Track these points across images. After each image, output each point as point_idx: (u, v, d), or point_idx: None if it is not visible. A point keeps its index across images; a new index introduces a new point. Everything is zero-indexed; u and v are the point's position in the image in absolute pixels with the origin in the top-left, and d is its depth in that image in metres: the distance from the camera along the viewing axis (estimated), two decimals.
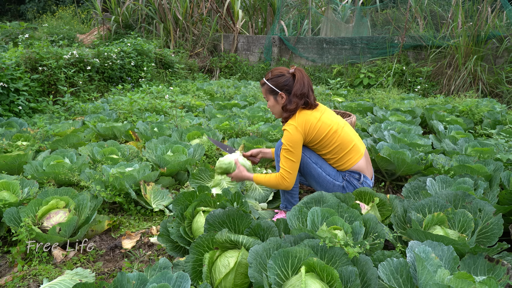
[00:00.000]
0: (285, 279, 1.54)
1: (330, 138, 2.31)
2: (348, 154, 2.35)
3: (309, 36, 9.26)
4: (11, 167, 2.98)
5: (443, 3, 8.08)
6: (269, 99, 2.41)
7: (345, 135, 2.35)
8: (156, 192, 2.76)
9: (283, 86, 2.33)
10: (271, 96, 2.38)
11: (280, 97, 2.36)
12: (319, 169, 2.37)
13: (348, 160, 2.35)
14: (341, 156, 2.35)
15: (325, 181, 2.37)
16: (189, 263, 1.75)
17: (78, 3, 19.10)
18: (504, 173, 2.60)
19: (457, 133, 3.86)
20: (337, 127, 2.34)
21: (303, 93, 2.30)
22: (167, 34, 10.57)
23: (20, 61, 5.41)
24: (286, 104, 2.35)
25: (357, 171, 2.38)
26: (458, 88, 6.57)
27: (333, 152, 2.35)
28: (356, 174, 2.37)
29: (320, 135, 2.31)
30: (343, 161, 2.36)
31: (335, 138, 2.32)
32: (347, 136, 2.36)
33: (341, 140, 2.33)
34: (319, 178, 2.38)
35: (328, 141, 2.32)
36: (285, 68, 2.39)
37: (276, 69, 2.40)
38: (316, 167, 2.37)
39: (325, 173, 2.37)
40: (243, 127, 4.10)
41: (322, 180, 2.38)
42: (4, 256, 2.17)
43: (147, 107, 5.00)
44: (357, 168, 2.38)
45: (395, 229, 2.08)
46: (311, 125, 2.29)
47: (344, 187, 2.37)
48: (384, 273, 1.56)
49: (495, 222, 1.90)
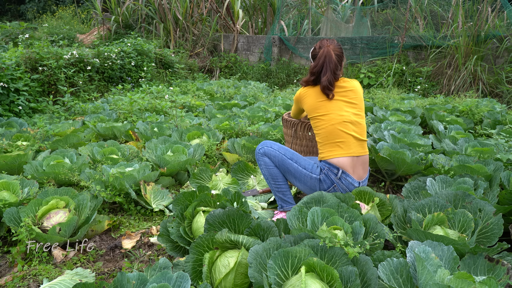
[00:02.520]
0: (285, 279, 1.54)
1: (321, 123, 2.44)
2: (330, 146, 2.39)
3: (309, 36, 9.26)
4: (11, 167, 2.98)
5: (443, 3, 8.07)
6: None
7: (334, 130, 2.37)
8: (156, 192, 2.76)
9: (312, 57, 2.63)
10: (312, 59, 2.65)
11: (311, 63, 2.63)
12: (295, 164, 2.45)
13: (327, 151, 2.40)
14: (324, 144, 2.43)
15: (301, 175, 2.43)
16: (189, 263, 1.75)
17: (78, 3, 19.10)
18: (504, 173, 2.60)
19: (457, 133, 3.86)
20: (329, 118, 2.39)
21: (313, 72, 2.50)
22: (167, 34, 10.57)
23: (20, 61, 5.40)
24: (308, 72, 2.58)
25: (336, 165, 2.36)
26: (458, 88, 6.57)
27: (320, 136, 2.45)
28: (334, 168, 2.36)
29: (312, 113, 2.49)
30: (324, 149, 2.43)
31: (326, 124, 2.41)
32: (337, 132, 2.36)
33: (326, 130, 2.40)
34: (296, 173, 2.45)
35: (318, 123, 2.45)
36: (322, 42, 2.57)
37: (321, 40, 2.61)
38: (291, 163, 2.45)
39: (301, 167, 2.44)
40: (243, 127, 4.11)
41: (299, 174, 2.44)
42: (4, 256, 2.17)
43: (147, 107, 5.00)
44: (336, 162, 2.35)
45: (395, 229, 2.08)
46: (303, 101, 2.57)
47: (321, 180, 2.40)
48: (384, 273, 1.56)
49: (495, 222, 1.90)
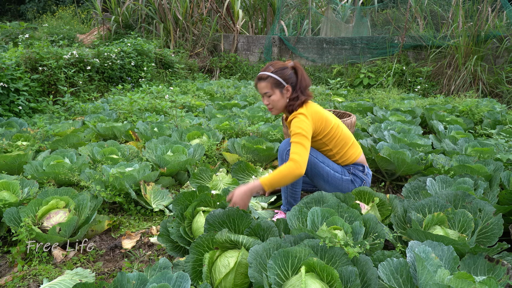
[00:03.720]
0: (285, 279, 1.54)
1: (336, 132, 2.35)
2: (351, 148, 2.42)
3: (309, 36, 9.26)
4: (11, 167, 2.98)
5: (443, 3, 8.07)
6: (273, 93, 2.29)
7: (345, 130, 2.44)
8: (156, 192, 2.76)
9: (289, 79, 2.29)
10: (276, 89, 2.28)
11: (286, 90, 2.30)
12: (327, 168, 2.35)
13: (352, 154, 2.41)
14: (346, 150, 2.39)
15: (334, 179, 2.36)
16: (189, 263, 1.75)
17: (78, 3, 19.10)
18: (504, 173, 2.60)
19: (457, 133, 3.86)
20: (338, 122, 2.42)
21: (307, 85, 2.33)
22: (167, 34, 10.57)
23: (20, 61, 5.40)
24: (293, 97, 2.29)
25: (360, 163, 2.45)
26: (458, 88, 6.57)
27: (338, 146, 2.37)
28: (359, 166, 2.43)
29: (328, 127, 2.31)
30: (348, 155, 2.40)
31: (339, 132, 2.37)
32: (348, 132, 2.45)
33: (344, 135, 2.39)
34: (328, 177, 2.35)
35: (334, 134, 2.34)
36: (282, 62, 2.35)
37: (274, 62, 2.33)
38: (324, 166, 2.35)
39: (333, 171, 2.36)
40: (243, 127, 4.11)
41: (331, 178, 2.36)
42: (4, 256, 2.17)
43: (147, 107, 5.00)
44: (360, 161, 2.45)
45: (395, 229, 2.08)
46: (321, 115, 2.28)
47: (352, 181, 2.40)
48: (384, 273, 1.56)
49: (495, 222, 1.90)
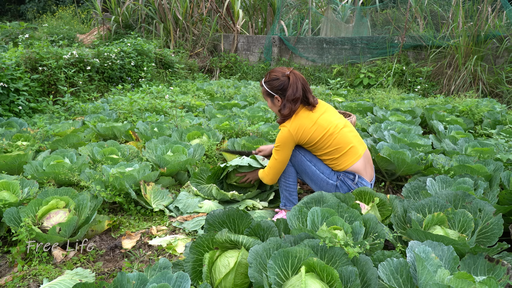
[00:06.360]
0: (285, 279, 1.54)
1: (325, 141, 2.33)
2: (344, 156, 2.36)
3: (309, 36, 9.26)
4: (11, 167, 2.98)
5: (443, 3, 8.07)
6: (267, 101, 2.49)
7: (342, 137, 2.35)
8: (156, 192, 2.76)
9: (278, 90, 2.37)
10: (268, 98, 2.45)
11: (276, 100, 2.40)
12: (313, 167, 2.41)
13: (343, 162, 2.36)
14: (337, 157, 2.36)
15: (318, 179, 2.41)
16: (189, 263, 1.75)
17: (78, 3, 19.10)
18: (504, 173, 2.60)
19: (457, 133, 3.86)
20: (334, 130, 2.34)
21: (296, 98, 2.33)
22: (167, 34, 10.57)
23: (20, 61, 5.40)
24: (281, 108, 2.39)
25: (352, 172, 2.38)
26: (458, 88, 6.57)
27: (329, 154, 2.36)
28: (350, 174, 2.38)
29: (315, 139, 2.33)
30: (339, 162, 2.37)
31: (331, 141, 2.33)
32: (344, 139, 2.36)
33: (336, 143, 2.34)
34: (313, 176, 2.41)
35: (323, 143, 2.33)
36: (281, 71, 2.40)
37: (273, 71, 2.41)
38: (310, 165, 2.41)
39: (319, 171, 2.40)
40: (243, 127, 4.11)
41: (316, 178, 2.41)
42: (4, 256, 2.17)
43: (147, 107, 5.00)
44: (352, 169, 2.38)
45: (395, 229, 2.08)
46: (305, 129, 2.32)
47: (337, 186, 2.39)
48: (384, 273, 1.56)
49: (495, 222, 1.90)
